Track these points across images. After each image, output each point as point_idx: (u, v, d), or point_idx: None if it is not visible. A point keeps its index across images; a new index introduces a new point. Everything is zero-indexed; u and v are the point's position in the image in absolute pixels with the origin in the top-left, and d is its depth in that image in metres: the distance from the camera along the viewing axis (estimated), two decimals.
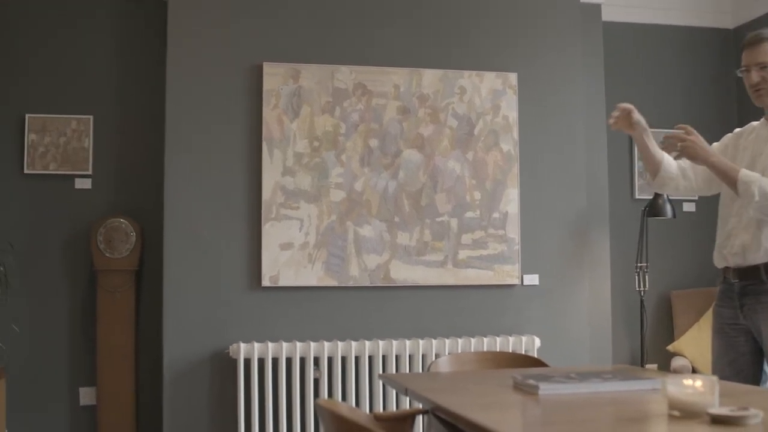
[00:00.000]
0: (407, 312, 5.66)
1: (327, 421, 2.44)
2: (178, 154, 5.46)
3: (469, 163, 5.75)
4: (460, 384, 3.20)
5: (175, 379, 5.36)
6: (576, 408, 2.53)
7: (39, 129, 5.82)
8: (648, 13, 6.86)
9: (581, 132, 6.01)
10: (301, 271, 5.49)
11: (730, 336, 3.76)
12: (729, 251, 3.71)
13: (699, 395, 2.27)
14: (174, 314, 5.39)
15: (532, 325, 5.80)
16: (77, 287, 5.86)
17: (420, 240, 5.65)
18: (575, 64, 6.04)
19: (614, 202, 6.46)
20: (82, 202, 5.87)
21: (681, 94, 6.87)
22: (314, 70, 5.61)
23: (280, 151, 5.51)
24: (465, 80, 5.79)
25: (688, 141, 3.58)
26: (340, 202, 5.56)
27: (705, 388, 2.28)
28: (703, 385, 2.28)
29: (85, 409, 5.81)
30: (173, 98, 5.49)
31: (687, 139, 3.59)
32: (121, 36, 6.02)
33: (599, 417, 2.45)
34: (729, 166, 3.59)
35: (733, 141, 3.91)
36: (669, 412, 2.31)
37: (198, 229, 5.44)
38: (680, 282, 6.73)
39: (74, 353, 5.83)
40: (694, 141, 3.58)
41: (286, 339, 5.45)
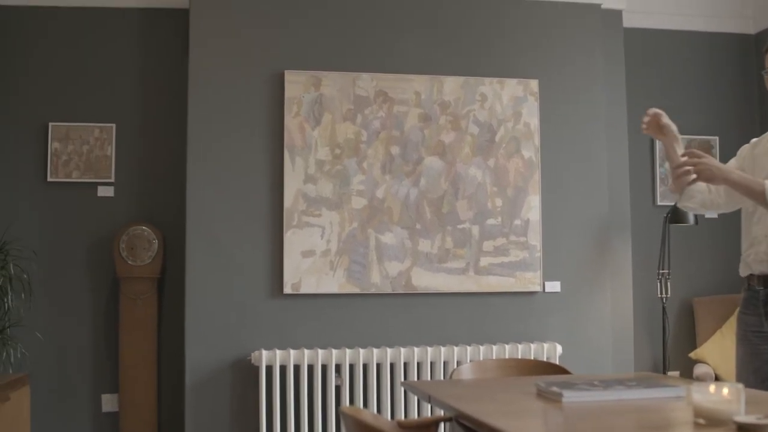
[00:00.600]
0: (429, 319, 5.66)
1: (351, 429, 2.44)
2: (200, 161, 5.49)
3: (491, 170, 5.75)
4: (483, 391, 3.20)
5: (196, 386, 5.38)
6: (600, 416, 2.53)
7: (62, 137, 5.85)
8: (669, 19, 6.83)
9: (602, 138, 6.00)
10: (323, 279, 5.50)
11: (755, 344, 3.70)
12: (753, 259, 3.65)
13: (725, 403, 2.26)
14: (196, 321, 5.41)
15: (553, 332, 5.79)
16: (100, 295, 5.89)
17: (441, 247, 5.65)
18: (596, 70, 6.03)
19: (636, 208, 6.43)
20: (105, 209, 5.90)
21: (702, 101, 6.84)
22: (335, 77, 5.62)
23: (301, 158, 5.52)
24: (486, 87, 5.79)
25: (701, 164, 3.39)
26: (362, 210, 5.57)
27: (731, 396, 2.27)
28: (728, 392, 2.27)
29: (107, 415, 5.83)
30: (195, 106, 5.52)
31: (699, 162, 3.39)
32: (143, 45, 6.05)
33: (624, 425, 2.45)
34: (751, 180, 3.45)
35: (749, 151, 3.83)
36: (694, 420, 2.30)
37: (220, 237, 5.46)
38: (702, 289, 6.69)
39: (97, 360, 5.85)
40: (707, 163, 3.39)
41: (307, 346, 5.46)
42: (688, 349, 6.56)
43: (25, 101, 5.87)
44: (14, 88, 5.87)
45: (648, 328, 6.55)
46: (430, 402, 3.10)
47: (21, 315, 5.59)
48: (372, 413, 2.78)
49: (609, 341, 5.89)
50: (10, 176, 5.82)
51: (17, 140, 5.85)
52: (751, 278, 3.68)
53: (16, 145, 5.85)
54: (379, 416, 2.98)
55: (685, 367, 6.50)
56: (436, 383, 4.46)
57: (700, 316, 6.58)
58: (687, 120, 6.70)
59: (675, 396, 2.76)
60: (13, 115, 5.85)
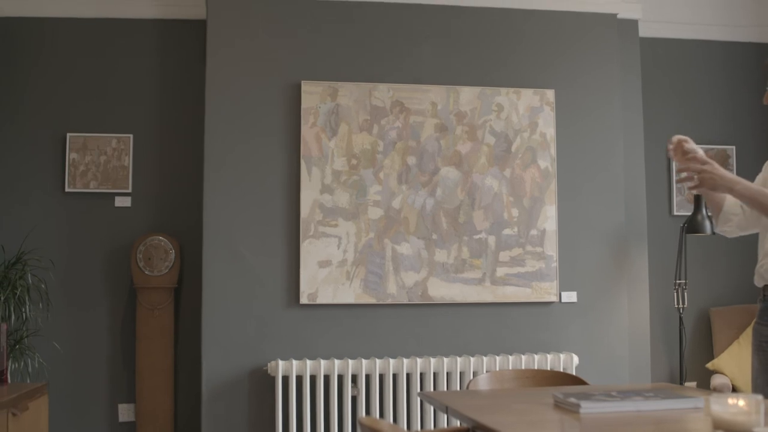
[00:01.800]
0: (445, 329, 5.66)
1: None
2: (217, 172, 5.50)
3: (507, 180, 5.75)
4: (500, 402, 3.20)
5: (213, 396, 5.39)
6: (618, 427, 2.52)
7: (80, 148, 5.88)
8: (685, 29, 6.82)
9: (619, 148, 6.00)
10: (339, 289, 5.50)
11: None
12: (767, 270, 3.65)
13: (744, 414, 2.26)
14: (212, 331, 5.42)
15: (570, 343, 5.78)
16: (117, 304, 5.91)
17: (458, 257, 5.65)
18: (612, 80, 6.03)
19: (652, 218, 6.42)
20: (122, 220, 5.93)
21: (719, 110, 6.82)
22: (352, 88, 5.63)
23: (318, 168, 5.54)
24: (502, 97, 5.80)
25: (704, 172, 3.25)
26: (378, 220, 5.57)
27: (750, 407, 2.26)
28: (747, 404, 2.26)
29: (124, 425, 5.85)
30: (212, 117, 5.54)
31: (703, 169, 3.25)
32: (161, 55, 6.08)
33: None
34: (757, 190, 3.30)
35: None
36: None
37: (237, 247, 5.48)
38: (719, 299, 6.67)
39: (114, 370, 5.87)
40: (711, 171, 3.24)
41: (324, 356, 5.46)
42: (705, 360, 6.54)
43: (43, 112, 5.91)
44: (32, 98, 5.91)
45: (665, 339, 6.53)
46: (447, 413, 3.10)
47: (39, 325, 5.63)
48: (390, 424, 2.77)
49: (625, 351, 5.87)
50: (28, 186, 5.86)
51: (35, 151, 5.88)
52: (766, 289, 3.66)
53: (34, 156, 5.88)
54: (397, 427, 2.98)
55: (702, 377, 6.48)
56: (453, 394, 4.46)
57: (717, 326, 6.55)
58: (703, 129, 6.70)
59: (693, 407, 2.76)
60: (32, 126, 5.89)
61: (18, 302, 5.43)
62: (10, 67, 5.91)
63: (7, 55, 5.90)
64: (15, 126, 5.88)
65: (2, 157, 5.85)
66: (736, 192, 3.29)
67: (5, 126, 5.86)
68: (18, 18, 5.92)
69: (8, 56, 5.90)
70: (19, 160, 5.86)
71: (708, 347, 6.64)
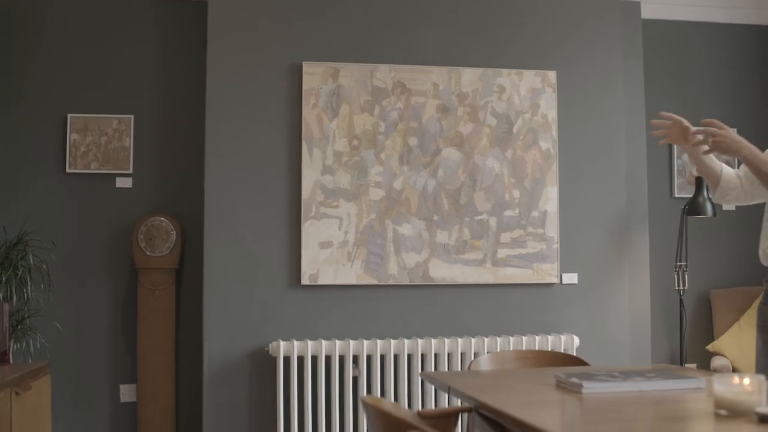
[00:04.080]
0: (446, 310, 5.67)
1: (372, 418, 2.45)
2: (218, 153, 5.50)
3: (508, 162, 5.75)
4: (502, 382, 3.20)
5: (214, 376, 5.40)
6: (620, 406, 2.53)
7: (81, 128, 5.87)
8: (688, 11, 6.81)
9: (620, 130, 5.99)
10: (341, 270, 5.51)
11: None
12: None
13: (747, 394, 2.26)
14: (214, 312, 5.43)
15: (571, 324, 5.79)
16: (118, 285, 5.92)
17: (459, 238, 5.65)
18: (614, 62, 6.02)
19: (653, 200, 6.42)
20: (123, 200, 5.93)
21: (720, 92, 6.82)
22: (353, 69, 5.62)
23: (319, 149, 5.53)
24: (504, 78, 5.79)
25: (719, 135, 3.46)
26: (380, 201, 5.57)
27: (753, 387, 2.27)
28: (750, 383, 2.27)
29: (125, 406, 5.86)
30: (213, 97, 5.53)
31: (718, 133, 3.47)
32: (161, 36, 6.06)
33: (644, 416, 2.45)
34: (761, 159, 3.45)
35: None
36: (716, 411, 2.30)
37: (238, 228, 5.48)
38: (720, 281, 6.68)
39: (115, 351, 5.88)
40: (725, 135, 3.46)
41: (325, 337, 5.47)
42: (706, 342, 6.55)
43: (43, 93, 5.89)
44: (33, 79, 5.90)
45: (665, 321, 6.55)
46: (449, 393, 3.11)
47: (40, 305, 5.64)
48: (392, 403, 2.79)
49: (626, 333, 5.89)
50: (29, 167, 5.85)
51: (36, 132, 5.87)
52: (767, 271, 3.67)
53: (35, 137, 5.87)
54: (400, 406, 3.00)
55: (702, 359, 6.49)
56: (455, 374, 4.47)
57: (718, 308, 6.56)
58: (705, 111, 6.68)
59: (695, 387, 2.77)
60: (32, 107, 5.88)
61: (20, 283, 5.42)
62: (12, 49, 5.89)
63: (8, 37, 5.88)
64: (16, 107, 5.86)
65: (3, 138, 5.84)
66: (743, 157, 3.44)
67: (6, 107, 5.85)
68: None
69: (9, 38, 5.88)
70: (20, 141, 5.85)
71: (708, 329, 6.65)
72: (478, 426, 2.88)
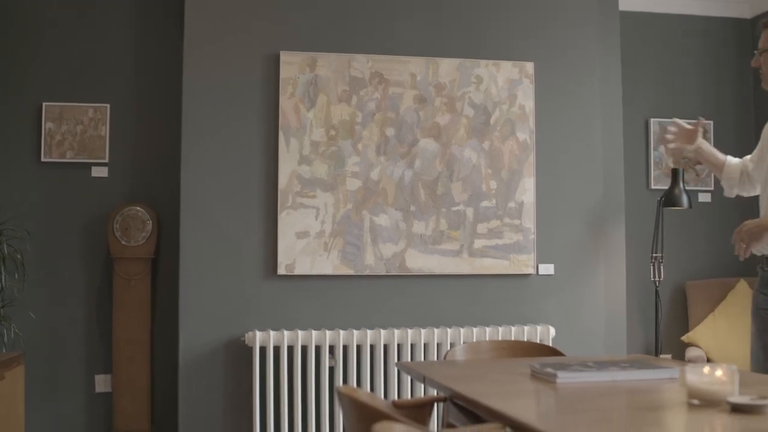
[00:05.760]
0: (423, 301, 5.67)
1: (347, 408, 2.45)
2: (195, 142, 5.48)
3: (486, 153, 5.75)
4: (477, 372, 3.21)
5: (190, 366, 5.38)
6: (594, 396, 2.54)
7: (56, 117, 5.84)
8: (665, 3, 6.83)
9: (597, 122, 6.00)
10: (317, 260, 5.50)
11: (765, 321, 3.76)
12: None
13: (719, 384, 2.28)
14: (190, 302, 5.41)
15: (547, 315, 5.80)
16: (94, 275, 5.89)
17: (436, 229, 5.65)
18: (592, 53, 6.03)
19: (630, 192, 6.44)
20: (99, 190, 5.89)
21: (698, 85, 6.85)
22: (331, 58, 5.61)
23: (296, 139, 5.52)
24: (482, 69, 5.79)
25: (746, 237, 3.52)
26: (356, 191, 5.56)
27: (725, 377, 2.28)
28: (723, 373, 2.28)
29: (100, 396, 5.84)
30: (190, 87, 5.50)
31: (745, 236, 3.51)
32: (138, 24, 6.03)
33: (618, 405, 2.46)
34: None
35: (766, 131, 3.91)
36: (688, 401, 2.31)
37: (214, 218, 5.46)
38: (695, 272, 6.71)
39: (90, 340, 5.86)
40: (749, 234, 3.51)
41: (301, 327, 5.47)
42: (681, 333, 6.59)
43: (18, 81, 5.85)
44: (7, 68, 5.85)
45: (641, 312, 6.58)
46: (425, 383, 3.11)
47: (15, 295, 5.60)
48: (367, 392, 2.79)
49: (602, 324, 5.90)
50: (3, 156, 5.81)
51: (11, 120, 5.83)
52: (762, 259, 3.74)
53: (9, 126, 5.83)
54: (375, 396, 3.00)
55: (677, 350, 6.53)
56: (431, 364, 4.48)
57: (693, 299, 6.60)
58: (682, 103, 6.72)
59: (669, 377, 2.78)
60: (7, 95, 5.83)
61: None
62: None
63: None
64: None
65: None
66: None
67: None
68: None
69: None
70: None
71: (683, 320, 6.69)
72: (453, 415, 2.89)
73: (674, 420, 2.23)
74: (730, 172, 3.97)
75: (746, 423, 2.08)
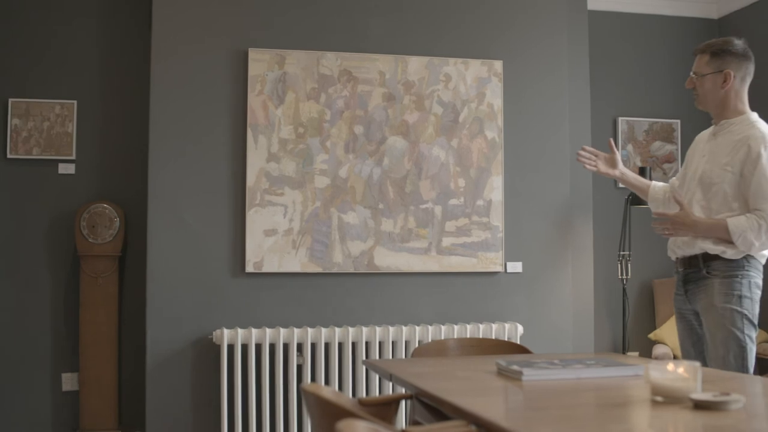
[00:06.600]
0: (391, 299, 5.67)
1: (311, 406, 2.44)
2: (163, 139, 5.45)
3: (454, 151, 5.76)
4: (444, 370, 3.21)
5: (158, 365, 5.36)
6: (559, 393, 2.55)
7: (22, 113, 5.79)
8: (633, 3, 6.87)
9: (565, 120, 6.02)
10: (285, 258, 5.49)
11: (688, 319, 4.07)
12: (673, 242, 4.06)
13: (682, 381, 2.29)
14: (157, 300, 5.38)
15: (515, 313, 5.82)
16: (60, 272, 5.85)
17: (404, 227, 5.65)
18: (560, 52, 6.04)
19: (598, 190, 6.47)
20: (66, 187, 5.86)
21: (665, 84, 6.89)
22: (300, 56, 5.60)
23: (264, 137, 5.50)
24: (450, 67, 5.79)
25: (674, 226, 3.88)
26: (325, 189, 5.56)
27: (688, 374, 2.30)
28: (685, 370, 2.30)
29: (67, 394, 5.81)
30: (157, 83, 5.47)
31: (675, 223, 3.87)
32: (105, 20, 5.99)
33: (582, 402, 2.47)
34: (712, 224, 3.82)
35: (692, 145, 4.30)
36: (652, 398, 2.33)
37: (182, 215, 5.43)
38: (662, 271, 6.75)
39: (57, 339, 5.82)
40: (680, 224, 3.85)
41: (269, 325, 5.45)
42: (648, 330, 6.63)
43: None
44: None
45: (608, 309, 6.61)
46: (392, 380, 3.11)
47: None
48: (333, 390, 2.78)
49: (569, 322, 5.93)
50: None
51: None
52: (678, 262, 4.10)
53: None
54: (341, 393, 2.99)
55: (645, 347, 6.57)
56: (397, 362, 4.48)
57: (660, 297, 6.64)
58: (650, 103, 6.77)
59: (633, 374, 2.80)
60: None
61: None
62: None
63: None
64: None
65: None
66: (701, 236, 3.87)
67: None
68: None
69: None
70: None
71: (650, 318, 6.73)
72: (419, 413, 2.89)
73: (637, 417, 2.24)
74: (654, 193, 4.39)
75: (708, 420, 2.10)
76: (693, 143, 4.25)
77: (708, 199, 3.90)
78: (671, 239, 4.06)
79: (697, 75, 4.01)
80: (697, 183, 3.96)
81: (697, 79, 4.02)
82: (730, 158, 3.85)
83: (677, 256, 4.04)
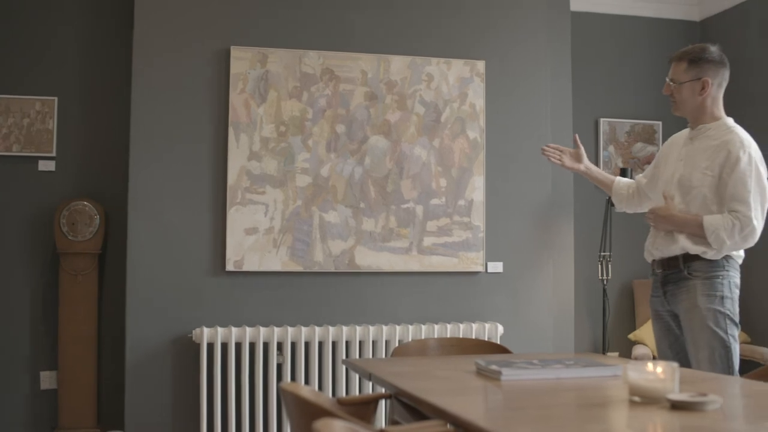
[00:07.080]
0: (372, 298, 5.67)
1: (290, 405, 2.44)
2: (144, 137, 5.43)
3: (436, 150, 5.76)
4: (423, 369, 3.21)
5: (137, 363, 5.34)
6: (538, 394, 2.55)
7: (2, 110, 5.76)
8: (616, 4, 6.89)
9: (547, 120, 6.03)
10: (266, 256, 5.48)
11: (665, 320, 4.11)
12: (651, 243, 4.10)
13: (659, 381, 2.30)
14: (137, 298, 5.36)
15: (495, 313, 5.82)
16: (39, 270, 5.82)
17: (385, 226, 5.65)
18: (543, 53, 6.05)
19: (579, 191, 6.48)
20: (46, 184, 5.83)
21: (647, 86, 6.90)
22: (282, 54, 5.59)
23: (246, 135, 5.49)
24: (433, 67, 5.79)
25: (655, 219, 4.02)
26: (306, 188, 5.55)
27: (665, 375, 2.30)
28: (663, 371, 2.31)
29: (46, 393, 5.78)
30: (139, 81, 5.45)
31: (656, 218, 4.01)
32: (86, 17, 5.96)
33: (561, 402, 2.47)
34: (688, 219, 3.90)
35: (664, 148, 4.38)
36: (630, 398, 2.33)
37: (162, 213, 5.41)
38: (642, 271, 6.76)
39: (35, 336, 5.79)
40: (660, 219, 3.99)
41: (249, 324, 5.44)
42: (628, 331, 6.65)
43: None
44: None
45: (588, 310, 6.63)
46: (371, 380, 3.11)
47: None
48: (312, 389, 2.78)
49: (550, 322, 5.94)
50: None
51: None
52: (654, 264, 4.14)
53: None
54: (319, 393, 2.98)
55: (625, 348, 6.59)
56: (377, 361, 4.48)
57: (640, 298, 6.66)
58: (631, 105, 6.79)
59: (612, 375, 2.80)
60: None
61: None
62: None
63: None
64: None
65: None
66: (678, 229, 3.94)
67: None
68: None
69: None
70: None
71: (630, 318, 6.75)
72: (398, 413, 2.89)
73: (615, 417, 2.24)
74: (619, 189, 4.50)
75: (685, 420, 2.11)
76: (666, 144, 4.30)
77: (687, 202, 3.94)
78: (648, 241, 4.11)
79: (675, 82, 4.05)
80: (676, 186, 3.99)
81: (674, 86, 4.05)
82: (710, 162, 3.89)
83: (654, 257, 4.08)
